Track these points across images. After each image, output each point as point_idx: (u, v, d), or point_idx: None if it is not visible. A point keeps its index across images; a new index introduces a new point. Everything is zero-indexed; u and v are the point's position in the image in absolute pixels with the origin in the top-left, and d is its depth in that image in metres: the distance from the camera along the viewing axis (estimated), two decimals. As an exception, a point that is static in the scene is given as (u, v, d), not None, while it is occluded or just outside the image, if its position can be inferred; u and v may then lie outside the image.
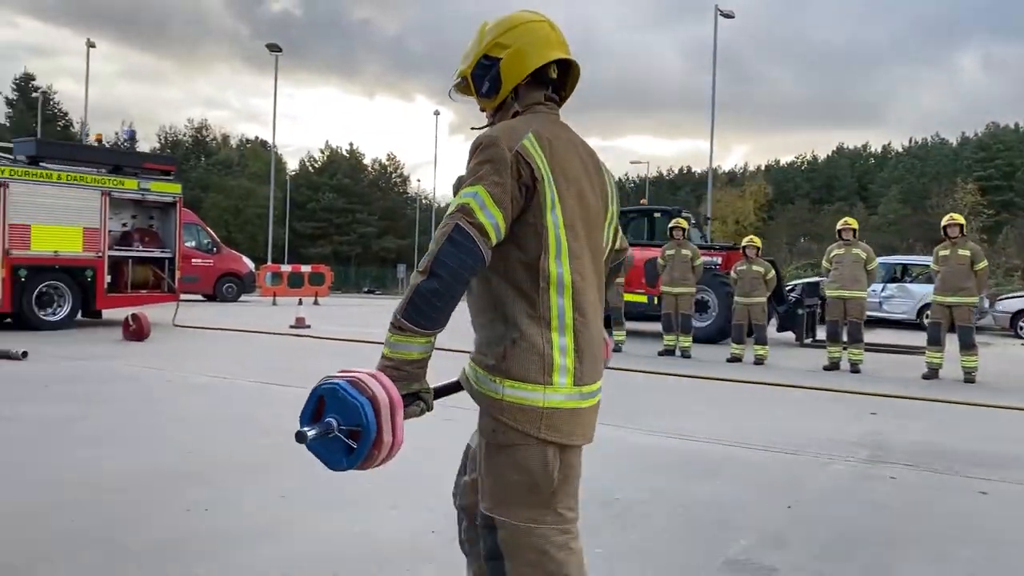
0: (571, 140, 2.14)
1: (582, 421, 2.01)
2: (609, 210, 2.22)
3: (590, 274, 2.05)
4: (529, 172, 1.96)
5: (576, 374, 1.98)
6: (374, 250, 65.87)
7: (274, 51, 30.20)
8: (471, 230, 1.88)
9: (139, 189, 14.32)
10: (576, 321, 1.99)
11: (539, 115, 2.13)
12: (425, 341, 1.90)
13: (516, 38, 2.15)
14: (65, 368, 9.30)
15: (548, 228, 1.98)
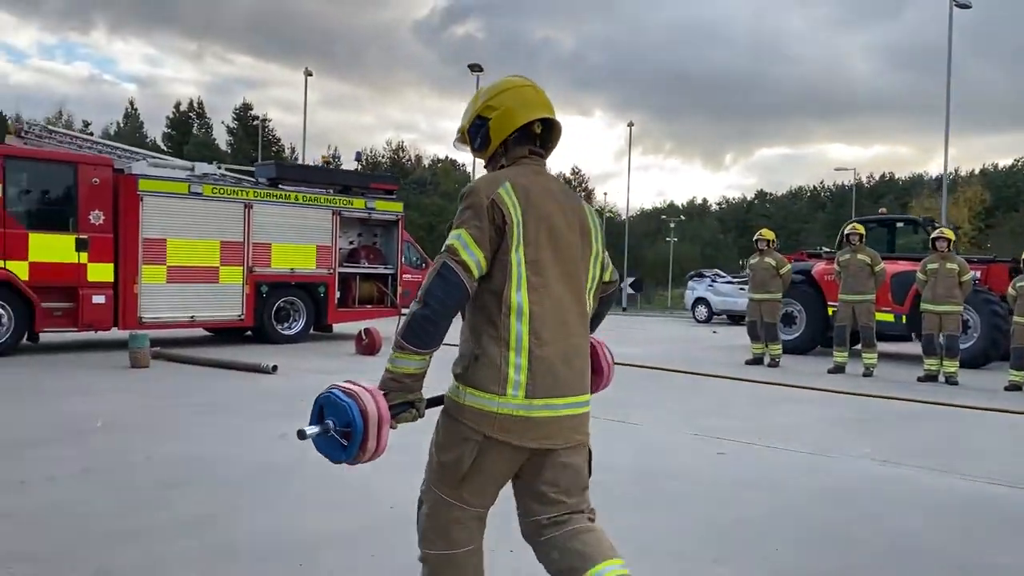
0: (548, 188, 2.46)
1: (540, 428, 2.35)
2: (593, 247, 2.53)
3: (554, 304, 2.38)
4: (501, 216, 2.32)
5: (528, 388, 2.33)
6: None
7: (475, 71, 30.94)
8: (456, 267, 2.28)
9: (366, 208, 14.78)
10: (532, 343, 2.34)
11: (522, 166, 2.49)
12: (420, 359, 2.32)
13: (504, 101, 2.52)
14: (312, 382, 9.50)
15: (512, 264, 2.33)
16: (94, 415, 7.03)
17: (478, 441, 2.36)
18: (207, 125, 69.08)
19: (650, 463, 5.84)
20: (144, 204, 12.16)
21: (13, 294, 11.03)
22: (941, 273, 11.00)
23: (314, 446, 2.32)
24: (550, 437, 2.39)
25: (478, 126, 2.57)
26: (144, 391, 8.59)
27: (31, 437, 6.15)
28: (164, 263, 12.38)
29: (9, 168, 11.09)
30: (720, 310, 23.07)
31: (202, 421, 7.05)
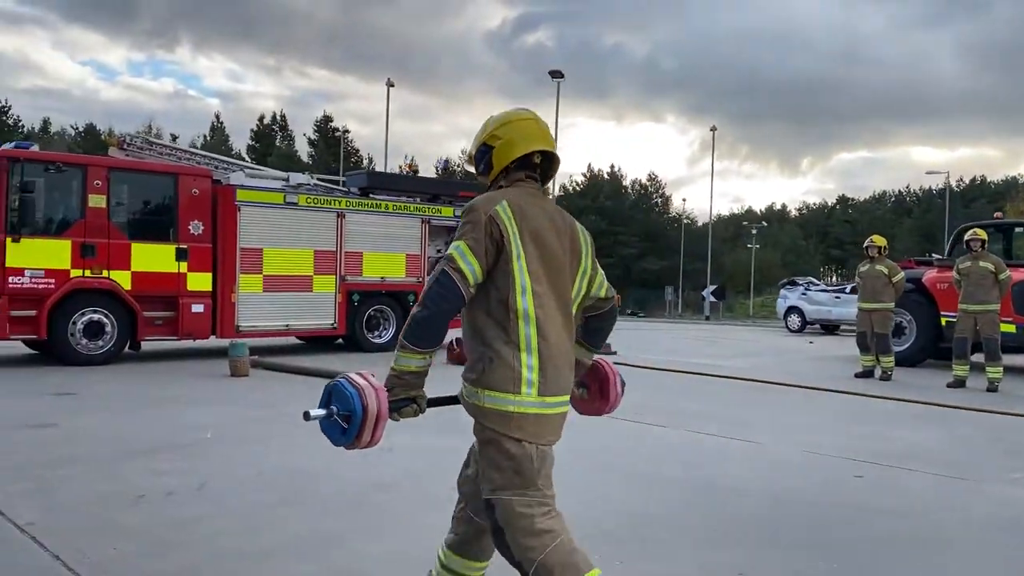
0: (543, 208, 2.70)
1: (547, 425, 2.56)
2: (582, 264, 2.75)
3: (552, 310, 2.59)
4: (498, 231, 2.54)
5: (540, 386, 2.53)
6: (636, 271, 65.34)
7: (556, 77, 30.74)
8: (454, 275, 2.50)
9: (454, 216, 14.65)
10: (540, 344, 2.55)
11: (519, 188, 2.71)
12: (421, 357, 2.56)
13: (507, 132, 2.73)
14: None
15: (515, 273, 2.54)
16: (202, 426, 7.00)
17: (518, 449, 2.53)
18: (289, 137, 70.85)
19: (784, 486, 5.44)
20: (241, 214, 12.29)
21: (116, 303, 11.26)
22: (869, 275, 11.52)
23: (319, 427, 2.57)
24: (554, 435, 2.64)
25: (483, 153, 2.80)
26: (246, 401, 8.58)
27: (144, 448, 6.13)
28: (260, 272, 12.49)
29: (113, 180, 11.33)
30: (814, 319, 22.22)
31: (306, 432, 6.92)
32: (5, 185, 10.46)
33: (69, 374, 10.14)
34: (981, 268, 10.80)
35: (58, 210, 11.13)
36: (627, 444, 6.76)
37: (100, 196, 11.16)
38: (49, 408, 7.80)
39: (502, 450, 2.54)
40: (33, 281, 10.63)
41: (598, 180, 70.87)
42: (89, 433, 6.69)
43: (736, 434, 7.18)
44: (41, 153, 11.03)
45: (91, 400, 8.42)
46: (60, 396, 8.54)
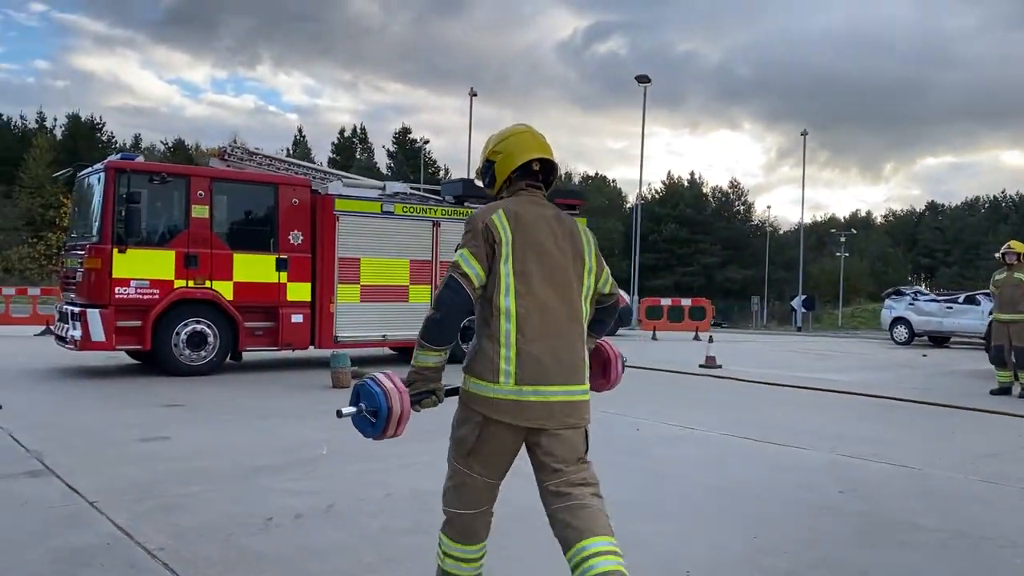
0: (542, 214, 2.98)
1: (530, 410, 2.82)
2: (586, 263, 3.02)
3: (541, 307, 2.86)
4: (493, 237, 2.87)
5: (516, 376, 2.81)
6: (718, 281, 63.88)
7: (643, 82, 30.12)
8: (460, 279, 2.85)
9: (550, 224, 14.28)
10: (519, 340, 2.83)
11: (519, 196, 3.02)
12: (436, 354, 2.89)
13: (506, 146, 3.05)
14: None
15: (501, 275, 2.85)
16: (315, 441, 6.75)
17: (478, 422, 2.85)
18: (369, 149, 71.90)
19: (967, 520, 4.83)
20: (340, 224, 12.17)
21: (218, 313, 11.22)
22: (1007, 284, 11.09)
23: (352, 422, 2.88)
24: (541, 419, 2.82)
25: (487, 168, 3.10)
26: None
27: (263, 465, 5.90)
28: (358, 282, 12.33)
29: (215, 190, 11.33)
30: (922, 331, 21.00)
31: (425, 450, 6.60)
32: (112, 196, 10.53)
33: (174, 385, 10.10)
34: (1015, 279, 10.99)
35: (162, 221, 11.17)
36: (788, 471, 6.21)
37: (203, 207, 11.16)
38: (160, 420, 7.69)
39: (461, 429, 2.96)
40: (138, 292, 10.67)
41: (678, 187, 69.62)
42: (203, 447, 6.51)
43: (891, 458, 6.55)
44: (146, 164, 11.11)
45: (199, 412, 8.30)
46: (169, 408, 8.46)
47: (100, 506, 4.72)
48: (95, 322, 10.34)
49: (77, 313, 10.51)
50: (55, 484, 5.25)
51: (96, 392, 9.48)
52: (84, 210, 11.62)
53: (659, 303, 23.75)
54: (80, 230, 11.63)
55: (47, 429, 7.10)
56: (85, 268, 10.61)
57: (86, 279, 10.60)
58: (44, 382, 10.28)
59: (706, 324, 22.87)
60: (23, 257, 52.38)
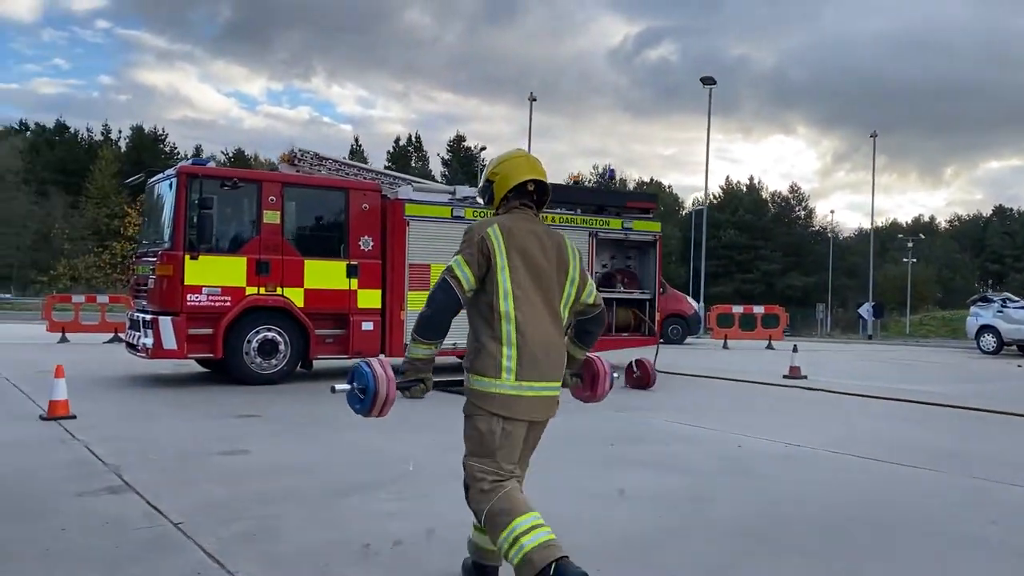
0: (532, 229, 3.37)
1: (523, 404, 3.22)
2: (569, 273, 3.41)
3: (536, 311, 3.27)
4: (488, 248, 3.26)
5: (517, 373, 3.20)
6: (778, 288, 62.36)
7: (707, 84, 29.40)
8: (452, 281, 3.24)
9: (622, 229, 13.80)
10: (518, 339, 3.22)
11: (513, 213, 3.42)
12: (427, 347, 3.29)
13: (503, 168, 3.44)
14: (612, 421, 8.57)
15: (499, 283, 3.24)
16: (399, 455, 6.40)
17: (493, 418, 3.20)
18: (424, 158, 72.10)
19: None
20: (410, 229, 11.86)
21: (290, 321, 10.99)
22: None
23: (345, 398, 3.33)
24: (535, 411, 3.27)
25: (486, 187, 3.48)
26: (433, 426, 7.96)
27: (350, 482, 5.54)
28: (428, 288, 11.96)
29: (286, 196, 11.12)
30: (1012, 339, 19.90)
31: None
32: (184, 202, 10.38)
33: (246, 394, 9.88)
34: None
35: (234, 227, 11.00)
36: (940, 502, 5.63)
37: (274, 212, 10.95)
38: (237, 432, 7.42)
39: (474, 425, 3.26)
40: (210, 299, 10.49)
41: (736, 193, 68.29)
42: (285, 463, 6.18)
43: None
44: (218, 169, 10.95)
45: (276, 423, 8.02)
46: (244, 418, 8.20)
47: (186, 528, 4.40)
48: (167, 330, 10.18)
49: (149, 321, 10.37)
50: (136, 502, 4.95)
51: (169, 402, 9.30)
52: (155, 217, 11.51)
53: (730, 311, 22.99)
54: (151, 237, 11.53)
55: (122, 441, 6.86)
56: (157, 275, 10.47)
57: (158, 286, 10.46)
58: (116, 391, 10.15)
59: (779, 332, 22.05)
60: (89, 266, 53.70)
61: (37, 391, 9.30)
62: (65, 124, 68.96)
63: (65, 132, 68.38)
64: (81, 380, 10.20)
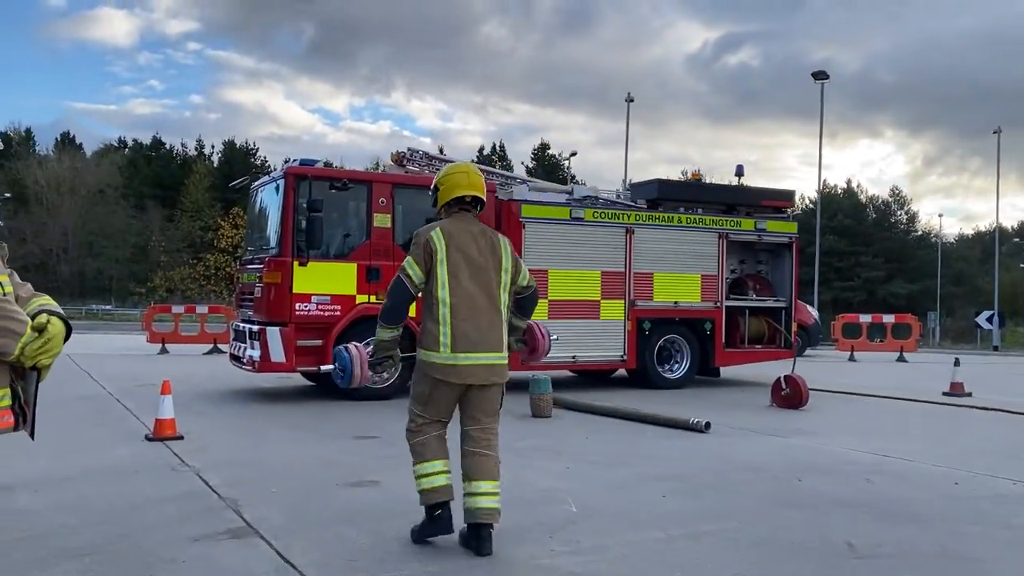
0: (468, 230, 4.21)
1: (459, 371, 4.06)
2: (503, 263, 4.25)
3: (470, 297, 4.10)
4: (431, 248, 4.11)
5: (452, 346, 4.04)
6: (880, 296, 59.20)
7: (820, 79, 27.70)
8: (405, 279, 4.13)
9: (755, 230, 12.57)
10: (452, 320, 4.06)
11: (453, 217, 4.25)
12: (391, 331, 4.24)
13: (446, 181, 4.28)
14: (756, 447, 7.43)
15: (438, 275, 4.10)
16: (551, 490, 5.45)
17: (430, 382, 4.13)
18: (508, 167, 71.60)
19: None
20: (526, 232, 10.95)
21: (403, 332, 10.14)
22: None
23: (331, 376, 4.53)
24: (471, 377, 4.09)
25: (434, 192, 4.35)
26: (574, 452, 6.98)
27: (506, 526, 4.57)
28: (546, 296, 11.03)
29: (397, 197, 10.34)
30: None
31: (684, 508, 5.14)
32: (292, 205, 9.71)
33: (359, 411, 9.10)
34: None
35: (344, 231, 10.28)
36: None
37: (385, 215, 10.19)
38: (358, 457, 6.58)
39: (417, 382, 4.26)
40: (319, 308, 9.77)
41: (833, 197, 65.40)
42: (424, 498, 5.27)
43: None
44: (327, 170, 10.26)
45: (398, 446, 7.02)
46: (364, 440, 7.38)
47: (330, 592, 3.51)
48: (275, 341, 9.49)
49: (256, 332, 9.71)
50: (264, 552, 4.11)
51: (278, 420, 8.56)
52: (261, 222, 10.91)
53: (858, 320, 21.27)
54: (256, 243, 10.93)
55: (237, 468, 6.10)
56: (264, 283, 9.80)
57: (265, 295, 9.79)
58: (221, 407, 9.51)
59: (912, 343, 20.28)
60: (184, 277, 54.95)
61: (140, 407, 8.72)
62: (161, 140, 71.16)
63: (161, 148, 70.49)
64: (184, 395, 9.60)
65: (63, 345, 2.70)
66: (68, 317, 2.76)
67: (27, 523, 4.55)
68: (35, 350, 2.60)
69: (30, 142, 67.20)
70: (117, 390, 10.50)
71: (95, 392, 10.50)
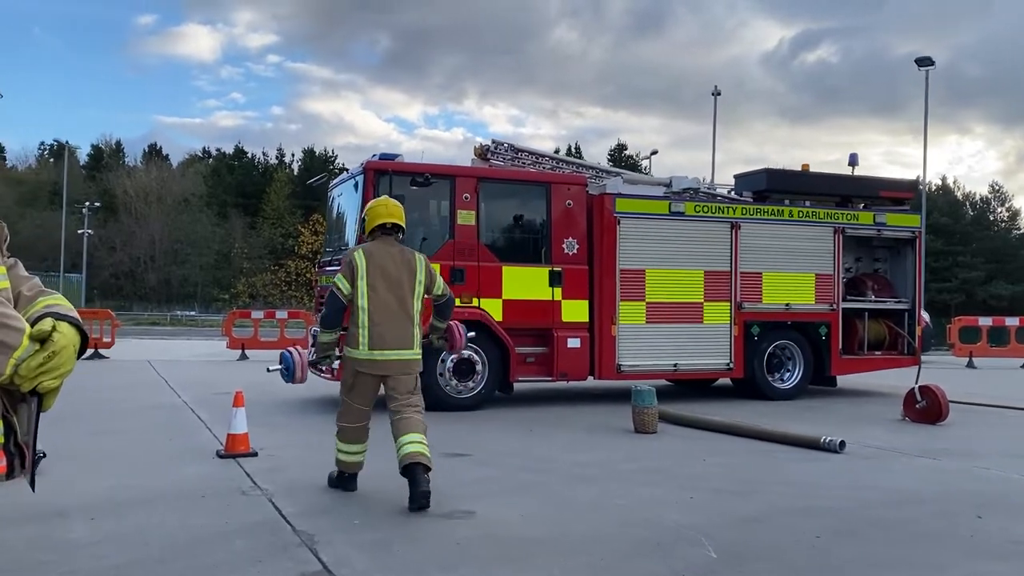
0: (388, 251, 5.22)
1: (375, 365, 5.06)
2: (417, 276, 5.23)
3: (385, 305, 5.10)
4: (353, 265, 5.14)
5: (369, 345, 5.04)
6: (980, 298, 55.86)
7: (924, 65, 25.92)
8: (337, 292, 5.16)
9: (874, 224, 11.38)
10: (369, 324, 5.06)
11: (376, 240, 5.27)
12: (330, 334, 5.35)
13: (369, 213, 5.33)
14: (900, 469, 6.37)
15: (359, 288, 5.10)
16: (675, 526, 4.52)
17: (353, 372, 5.16)
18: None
19: None
20: (621, 228, 10.05)
21: (487, 337, 9.41)
22: None
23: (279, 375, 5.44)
24: (386, 370, 5.11)
25: (362, 221, 5.58)
26: (689, 477, 6.05)
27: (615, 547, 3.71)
28: (643, 299, 10.13)
29: (482, 192, 9.59)
30: None
31: (851, 554, 4.17)
32: (372, 202, 9.04)
33: (444, 424, 8.33)
34: None
35: (426, 229, 9.59)
36: None
37: (469, 212, 9.46)
38: (450, 480, 5.78)
39: (344, 374, 5.30)
40: (400, 312, 9.06)
41: (928, 195, 62.14)
42: (535, 535, 4.45)
43: None
44: (408, 164, 9.55)
45: (492, 466, 6.36)
46: (453, 458, 6.59)
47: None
48: (354, 348, 8.85)
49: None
50: (345, 608, 3.35)
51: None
52: (339, 223, 10.33)
53: (976, 323, 19.58)
54: (336, 244, 10.34)
55: (313, 492, 5.40)
56: (342, 286, 9.18)
57: (343, 298, 9.17)
58: (298, 418, 8.91)
59: (1036, 348, 18.51)
60: (266, 283, 55.72)
61: (215, 418, 8.17)
62: (243, 149, 72.57)
63: (243, 157, 71.89)
64: (259, 405, 9.05)
65: (75, 361, 1.97)
66: (154, 323, 2.03)
67: (74, 562, 3.91)
68: (34, 368, 1.87)
69: (120, 154, 69.48)
70: (193, 399, 10.04)
71: (170, 401, 10.05)
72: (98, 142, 70.30)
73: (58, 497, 5.13)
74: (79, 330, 1.98)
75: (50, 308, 2.01)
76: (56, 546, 4.18)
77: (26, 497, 5.09)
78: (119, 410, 9.22)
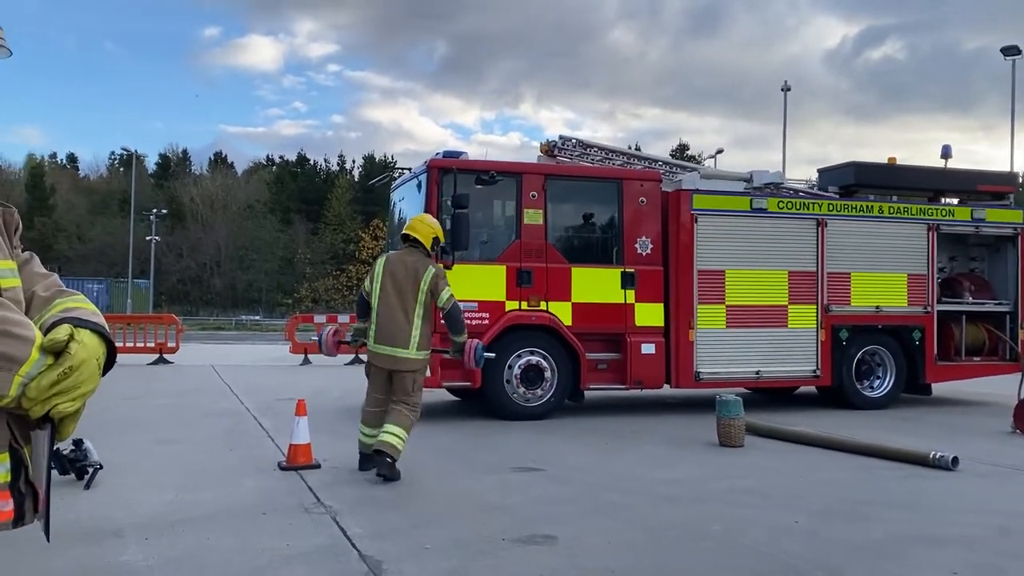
0: (403, 259, 6.06)
1: (380, 357, 5.94)
2: (421, 286, 5.90)
3: (392, 307, 5.91)
4: (373, 270, 6.19)
5: (375, 338, 5.95)
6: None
7: (1010, 54, 24.57)
8: (362, 291, 6.29)
9: (972, 220, 10.56)
10: (377, 321, 5.96)
11: (399, 250, 6.28)
12: (360, 323, 6.31)
13: None
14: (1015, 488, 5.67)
15: (374, 289, 6.04)
16: (792, 557, 3.97)
17: (368, 362, 6.12)
18: (644, 169, 69.68)
19: None
20: (699, 226, 9.48)
21: (556, 343, 8.95)
22: None
23: None
24: (381, 363, 5.93)
25: None
26: (788, 497, 5.47)
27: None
28: (722, 302, 9.53)
29: (550, 190, 9.13)
30: None
31: None
32: (436, 201, 8.69)
33: (513, 434, 7.92)
34: None
35: (491, 229, 9.19)
36: None
37: (536, 211, 9.00)
38: (524, 498, 5.34)
39: (366, 364, 6.24)
40: (467, 316, 8.60)
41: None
42: (622, 566, 3.96)
43: None
44: (474, 161, 9.15)
45: (570, 483, 5.87)
46: (526, 472, 6.15)
47: None
48: (419, 354, 8.49)
49: (398, 343, 8.76)
50: (420, 656, 2.91)
51: (425, 444, 7.40)
52: (402, 223, 9.96)
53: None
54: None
55: (380, 511, 5.01)
56: (406, 288, 8.84)
57: (407, 302, 8.82)
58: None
59: None
60: (328, 288, 56.18)
61: (277, 427, 7.88)
62: (305, 156, 73.48)
63: (305, 164, 72.80)
64: (322, 412, 8.73)
65: (99, 379, 1.55)
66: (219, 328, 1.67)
67: (123, 591, 3.56)
68: (47, 388, 1.45)
69: (186, 163, 71.06)
70: (255, 405, 9.79)
71: (233, 408, 9.83)
72: (165, 151, 72.03)
73: (114, 511, 4.87)
74: (104, 339, 1.56)
75: (68, 312, 1.58)
76: (104, 569, 3.85)
77: (83, 511, 4.84)
78: (181, 417, 9.01)
